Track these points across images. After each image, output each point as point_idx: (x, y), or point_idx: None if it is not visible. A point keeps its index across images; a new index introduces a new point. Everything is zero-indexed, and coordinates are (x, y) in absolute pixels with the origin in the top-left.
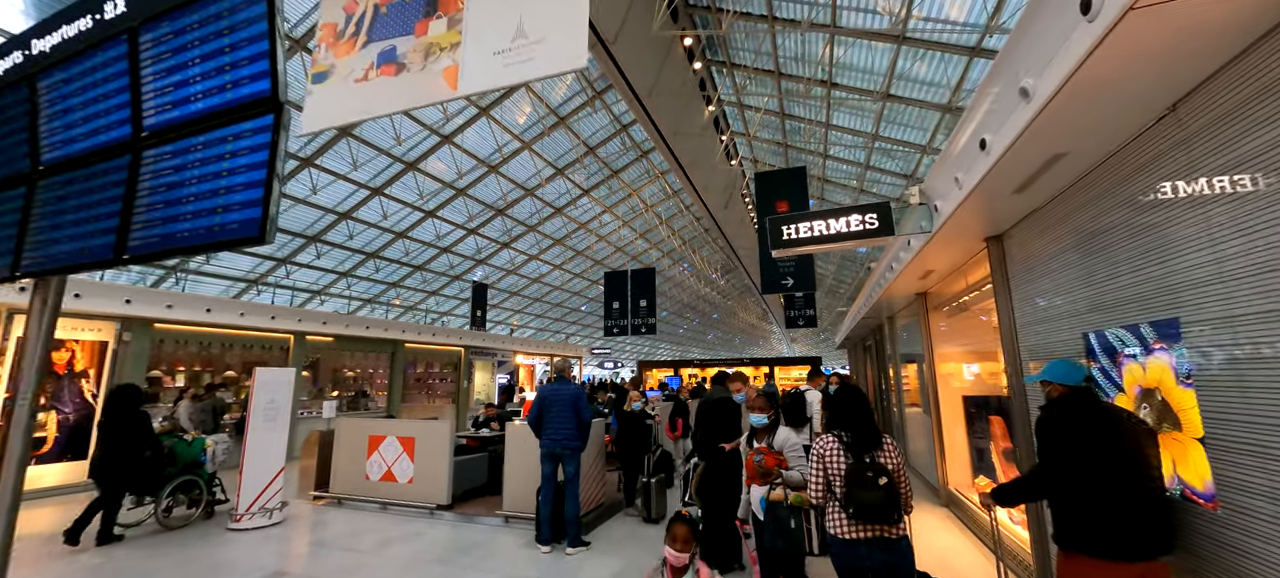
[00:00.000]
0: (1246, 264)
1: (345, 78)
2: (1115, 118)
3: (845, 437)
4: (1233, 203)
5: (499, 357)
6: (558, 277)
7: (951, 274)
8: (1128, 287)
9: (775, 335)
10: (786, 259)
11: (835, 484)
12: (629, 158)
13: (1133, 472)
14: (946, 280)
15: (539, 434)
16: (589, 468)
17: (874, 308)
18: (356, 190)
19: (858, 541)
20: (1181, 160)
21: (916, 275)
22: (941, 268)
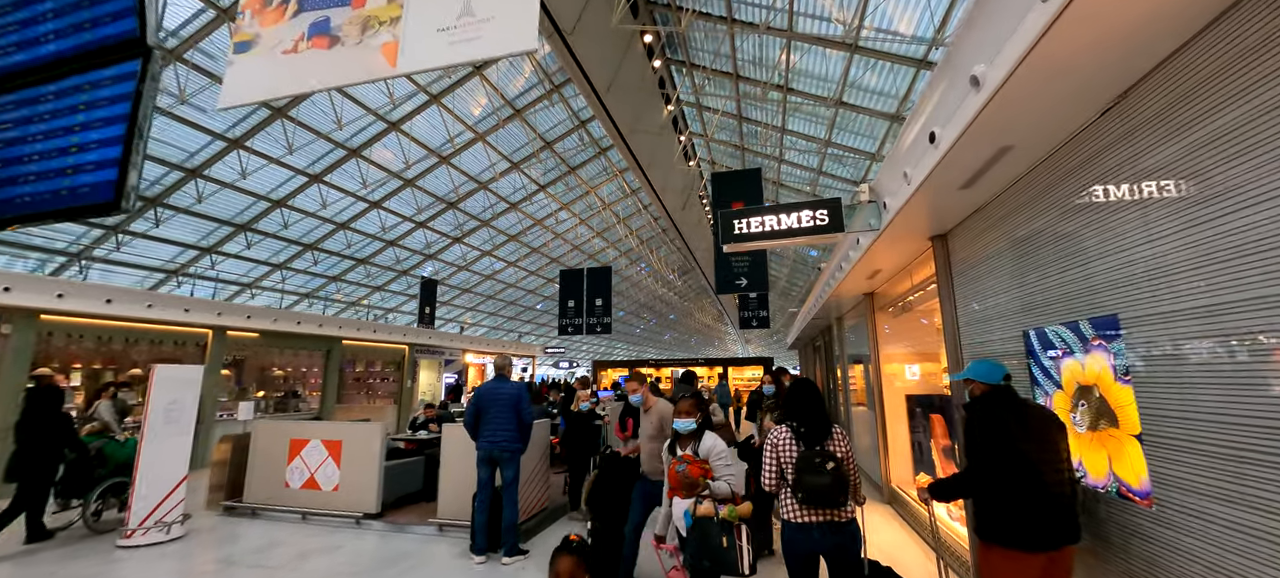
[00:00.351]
0: (1186, 258)
1: (272, 49)
2: (1064, 107)
3: (797, 427)
4: (1174, 197)
5: (446, 355)
6: (512, 274)
7: (898, 274)
8: (1068, 283)
9: (730, 336)
10: (740, 258)
11: (787, 472)
12: (587, 154)
13: (1044, 466)
14: (893, 280)
15: (476, 437)
16: (532, 471)
17: (824, 308)
18: (292, 177)
19: (809, 524)
20: (1124, 153)
21: (864, 275)
22: (888, 267)
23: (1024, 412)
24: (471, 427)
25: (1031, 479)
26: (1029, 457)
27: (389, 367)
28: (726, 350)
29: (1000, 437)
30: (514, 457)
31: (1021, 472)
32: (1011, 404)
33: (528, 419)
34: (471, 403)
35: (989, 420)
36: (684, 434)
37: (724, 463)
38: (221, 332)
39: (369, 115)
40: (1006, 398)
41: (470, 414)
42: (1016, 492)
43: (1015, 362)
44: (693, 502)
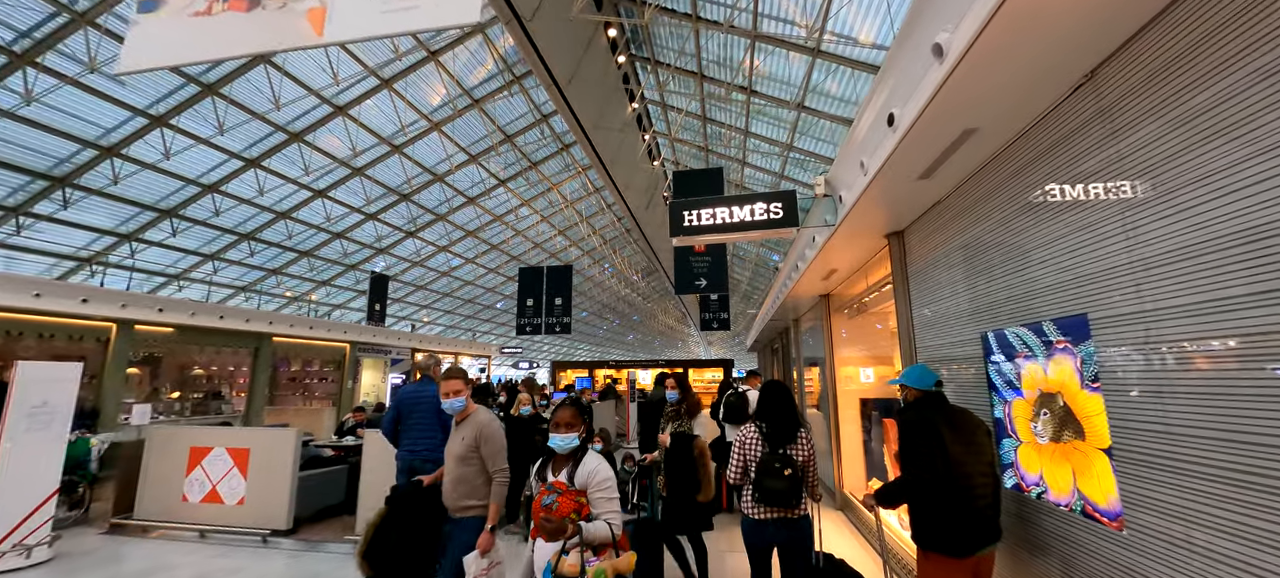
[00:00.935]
0: (1165, 250)
1: (181, 10)
2: (1033, 79)
3: (764, 428)
4: (1152, 181)
5: (393, 354)
6: (470, 271)
7: (854, 275)
8: (1030, 281)
9: (693, 338)
10: (700, 258)
11: (751, 468)
12: (549, 149)
13: (972, 472)
14: (849, 281)
15: (396, 444)
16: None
17: (781, 310)
18: (226, 160)
19: (765, 521)
20: (1097, 134)
21: (820, 275)
22: (845, 267)
23: (954, 417)
24: (390, 433)
25: (961, 486)
26: (958, 463)
27: (329, 366)
28: (689, 353)
29: (931, 443)
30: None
31: (951, 479)
32: (942, 410)
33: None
34: (391, 406)
35: (921, 427)
36: (561, 455)
37: (606, 495)
38: (127, 326)
39: (312, 97)
40: (937, 403)
41: (389, 420)
42: (947, 499)
43: (972, 368)
44: (557, 551)
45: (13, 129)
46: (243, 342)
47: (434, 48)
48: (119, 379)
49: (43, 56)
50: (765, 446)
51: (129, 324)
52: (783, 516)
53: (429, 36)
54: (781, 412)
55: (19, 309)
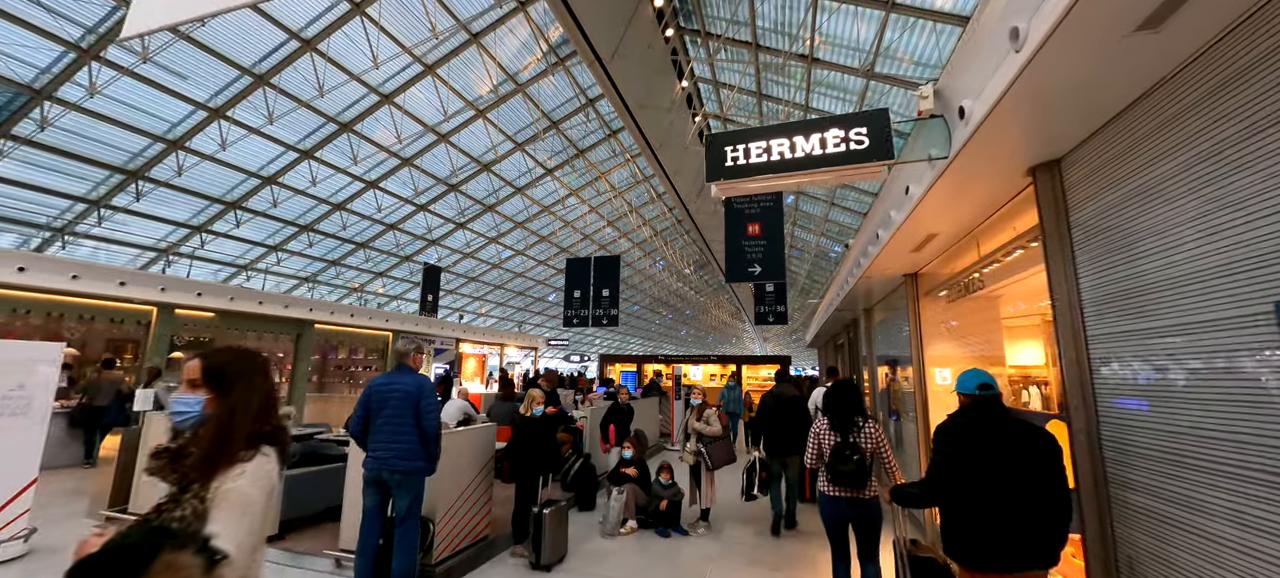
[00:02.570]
0: None
1: None
2: None
3: (834, 420)
4: None
5: (436, 343)
6: (519, 262)
7: (959, 244)
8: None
9: (748, 334)
10: (754, 243)
11: (825, 454)
12: (596, 136)
13: (1002, 485)
14: (949, 253)
15: (364, 447)
16: (467, 490)
17: (849, 297)
18: (282, 152)
19: (838, 498)
20: None
21: (910, 243)
22: (950, 228)
23: (996, 427)
24: (359, 434)
25: (985, 498)
26: (987, 475)
27: (372, 354)
28: (743, 349)
29: (948, 450)
30: (412, 479)
31: (972, 490)
32: (981, 420)
33: (432, 426)
34: (360, 401)
35: (943, 433)
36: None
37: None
38: (167, 309)
39: (358, 87)
40: (980, 410)
41: (357, 417)
42: (967, 509)
43: (1247, 357)
44: None
45: (84, 124)
46: (285, 328)
47: (475, 29)
48: (160, 363)
49: (105, 50)
50: (836, 436)
51: (169, 308)
52: (853, 495)
53: (468, 17)
54: (848, 407)
55: (57, 290)
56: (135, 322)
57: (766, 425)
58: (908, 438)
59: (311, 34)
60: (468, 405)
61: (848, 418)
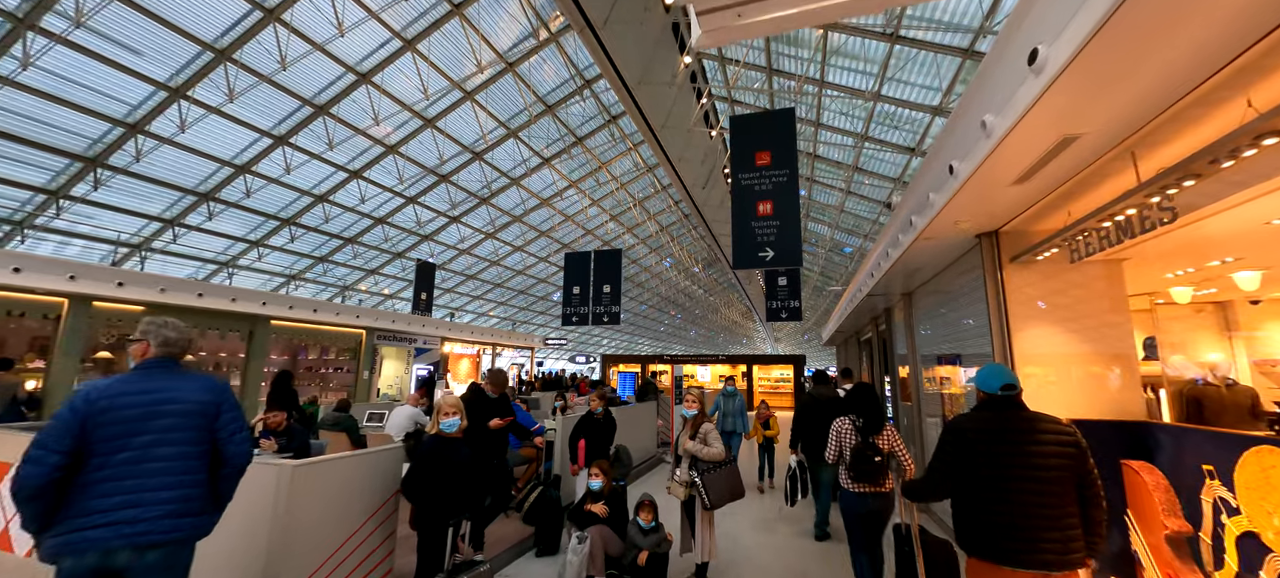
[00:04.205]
0: None
1: None
2: None
3: (857, 421)
4: None
5: (418, 342)
6: (518, 259)
7: (1084, 176)
8: None
9: (759, 334)
10: (765, 224)
11: (846, 453)
12: (596, 122)
13: (1014, 482)
14: (1063, 192)
15: (49, 518)
16: (346, 546)
17: (886, 278)
18: (255, 140)
19: (863, 494)
20: None
21: (1013, 169)
22: (1109, 123)
23: (1014, 423)
24: (45, 491)
25: (995, 494)
26: (999, 471)
27: (344, 354)
28: (754, 349)
29: (954, 445)
30: (176, 555)
31: (982, 484)
32: (1000, 414)
33: (241, 459)
34: (60, 428)
35: (949, 430)
36: None
37: None
38: (81, 301)
39: (333, 65)
40: (995, 406)
41: (50, 460)
42: (980, 506)
43: None
44: None
45: (34, 105)
46: (234, 324)
47: (457, 0)
48: (72, 364)
49: (42, 19)
50: (858, 436)
51: (83, 300)
52: (874, 490)
53: None
54: (869, 410)
55: None
56: (41, 315)
57: (806, 428)
58: None
59: (273, 2)
60: (419, 414)
61: (876, 421)
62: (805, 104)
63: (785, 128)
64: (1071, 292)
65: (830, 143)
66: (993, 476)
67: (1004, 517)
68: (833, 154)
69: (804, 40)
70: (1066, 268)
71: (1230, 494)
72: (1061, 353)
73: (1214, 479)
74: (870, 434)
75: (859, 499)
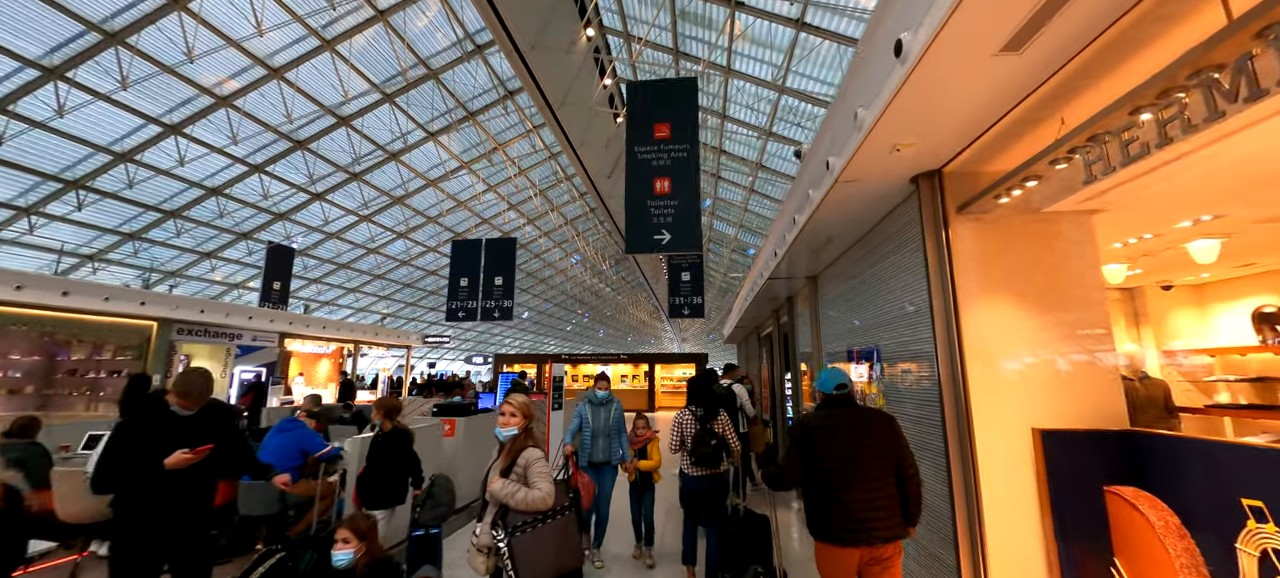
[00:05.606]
0: None
1: None
2: None
3: (697, 411)
4: None
5: (242, 338)
6: (402, 248)
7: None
8: None
9: (667, 334)
10: (662, 203)
11: (687, 442)
12: (490, 96)
13: (844, 470)
14: (1024, 117)
15: None
16: None
17: (792, 253)
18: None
19: (700, 477)
20: None
21: (983, 50)
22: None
23: (842, 419)
24: None
25: (830, 482)
26: (830, 462)
27: (124, 351)
28: (663, 348)
29: (800, 444)
30: None
31: (818, 475)
32: (831, 414)
33: None
34: None
35: (794, 428)
36: None
37: None
38: None
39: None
40: (830, 405)
41: None
42: (814, 492)
43: None
44: None
45: None
46: None
47: None
48: None
49: None
50: (698, 424)
51: None
52: (710, 472)
53: None
54: (705, 399)
55: None
56: None
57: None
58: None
59: None
60: None
61: (712, 409)
62: (711, 92)
63: (687, 99)
64: (1036, 255)
65: (736, 138)
66: (830, 466)
67: (840, 503)
68: (738, 149)
69: (712, 21)
70: (1030, 222)
71: None
72: (1023, 338)
73: (1267, 521)
74: (708, 422)
75: (696, 482)
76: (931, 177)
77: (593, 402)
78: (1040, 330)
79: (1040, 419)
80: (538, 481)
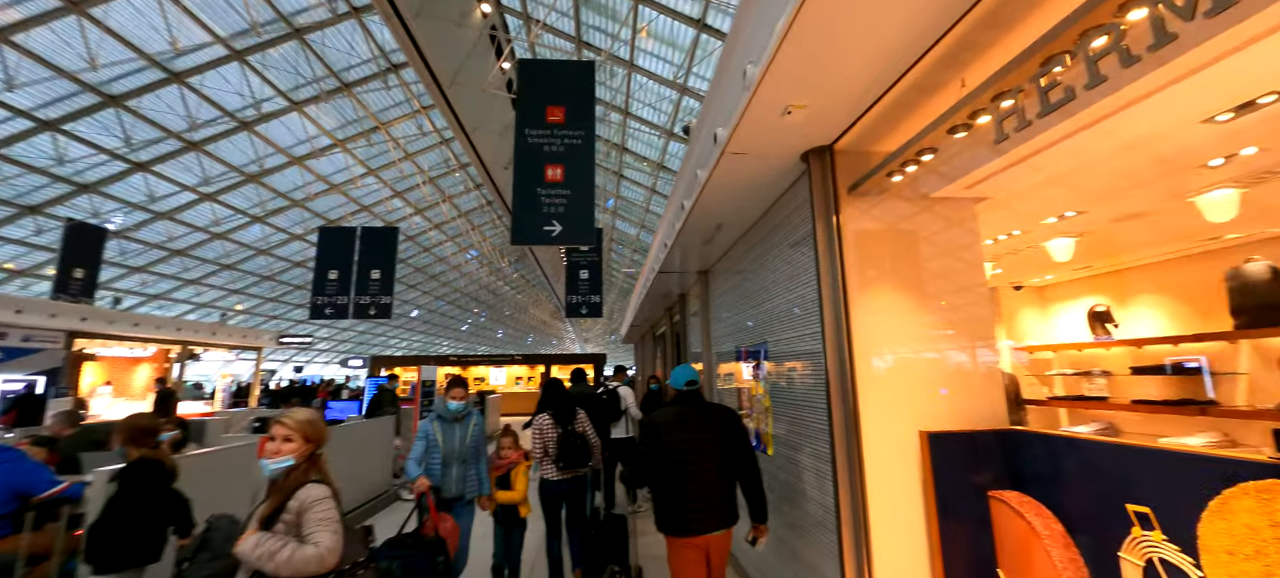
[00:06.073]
0: None
1: None
2: None
3: (555, 415)
4: None
5: (3, 336)
6: (259, 234)
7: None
8: None
9: (568, 335)
10: (553, 192)
11: (550, 447)
12: (370, 68)
13: (691, 463)
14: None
15: None
16: None
17: (686, 240)
18: None
19: (562, 480)
20: None
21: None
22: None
23: (689, 415)
24: None
25: (678, 474)
26: (678, 456)
27: None
28: (565, 349)
29: (650, 441)
30: None
31: (668, 468)
32: (680, 409)
33: None
34: None
35: (644, 425)
36: None
37: None
38: None
39: None
40: (679, 401)
41: None
42: (661, 486)
43: None
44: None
45: None
46: None
47: None
48: None
49: None
50: (558, 428)
51: None
52: (573, 475)
53: None
54: (563, 402)
55: None
56: None
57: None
58: (808, 489)
59: None
60: None
61: (570, 414)
62: (614, 87)
63: (584, 83)
64: (925, 245)
65: (638, 136)
66: (679, 460)
67: (689, 494)
68: (641, 148)
69: (615, 11)
70: (919, 212)
71: (1184, 556)
72: (912, 333)
73: (1153, 528)
74: (567, 425)
75: (556, 485)
76: (822, 154)
77: (443, 417)
78: (929, 327)
79: (927, 421)
80: (316, 531)
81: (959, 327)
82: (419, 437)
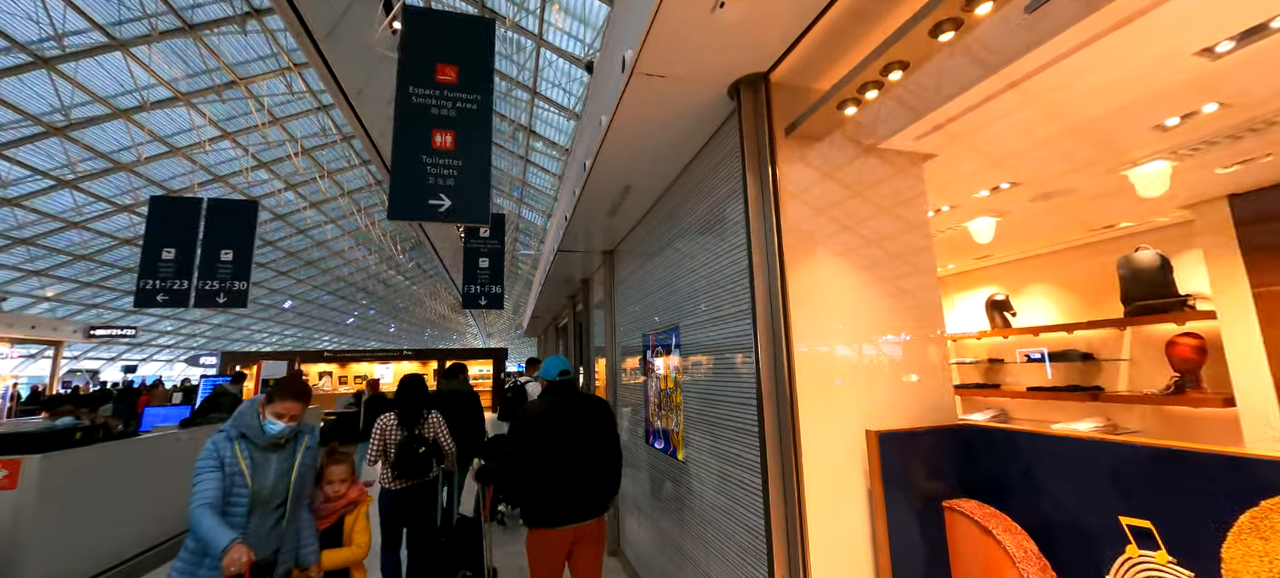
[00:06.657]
0: None
1: None
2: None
3: (400, 414)
4: None
5: None
6: (66, 202)
7: None
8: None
9: (471, 329)
10: (443, 162)
11: (390, 451)
12: (222, 9)
13: (564, 454)
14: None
15: None
16: None
17: (590, 203)
18: None
19: (404, 489)
20: None
21: None
22: None
23: (564, 408)
24: None
25: (548, 467)
26: (551, 448)
27: None
28: (466, 344)
29: (522, 436)
30: None
31: (541, 464)
32: (553, 402)
33: None
34: None
35: (516, 420)
36: None
37: None
38: None
39: None
40: (554, 394)
41: None
42: (539, 481)
43: None
44: None
45: None
46: None
47: None
48: None
49: None
50: (402, 431)
51: None
52: (417, 483)
53: None
54: (413, 400)
55: None
56: None
57: None
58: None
59: None
60: None
61: (417, 414)
62: (520, 62)
63: (482, 41)
64: (870, 203)
65: (546, 119)
66: (550, 452)
67: (559, 486)
68: (550, 132)
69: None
70: (866, 165)
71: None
72: (860, 307)
73: (1156, 548)
74: (414, 428)
75: (397, 495)
76: (756, 85)
77: (252, 440)
78: (877, 300)
79: (876, 417)
80: None
81: (909, 305)
82: (206, 462)
